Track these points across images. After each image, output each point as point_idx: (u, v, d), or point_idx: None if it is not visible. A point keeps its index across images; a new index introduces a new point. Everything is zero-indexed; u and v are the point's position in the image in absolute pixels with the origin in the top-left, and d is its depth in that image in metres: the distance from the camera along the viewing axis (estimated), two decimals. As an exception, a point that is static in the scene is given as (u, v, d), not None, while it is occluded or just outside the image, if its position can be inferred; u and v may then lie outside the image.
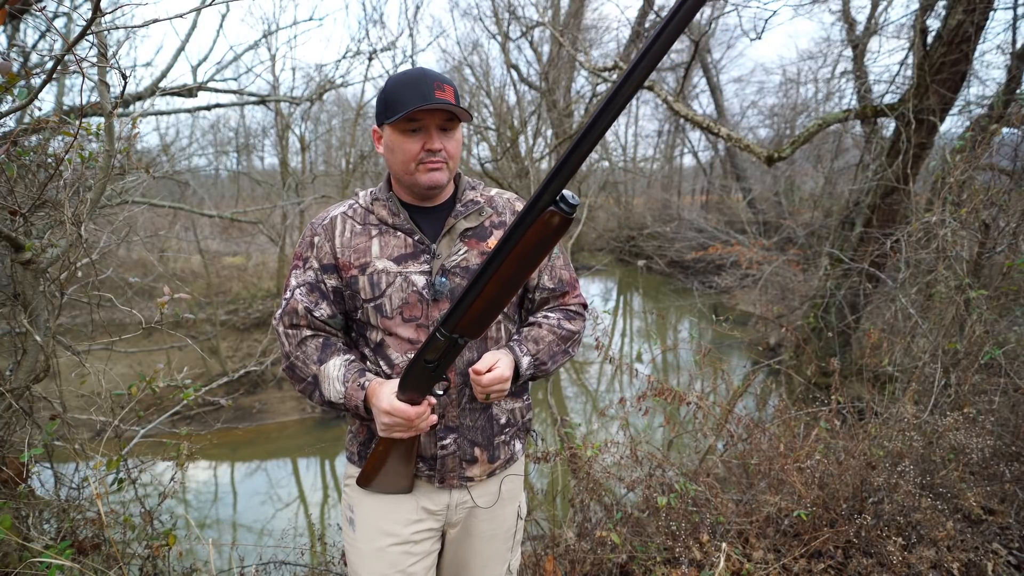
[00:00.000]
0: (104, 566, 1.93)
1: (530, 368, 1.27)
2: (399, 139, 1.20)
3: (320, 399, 1.25)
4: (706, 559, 2.05)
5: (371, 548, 1.31)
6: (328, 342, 1.28)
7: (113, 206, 3.45)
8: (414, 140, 1.19)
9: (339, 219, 1.29)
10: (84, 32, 1.46)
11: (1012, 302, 3.41)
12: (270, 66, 9.52)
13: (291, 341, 1.27)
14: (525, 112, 11.93)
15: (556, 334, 1.33)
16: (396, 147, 1.21)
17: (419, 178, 1.21)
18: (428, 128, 1.18)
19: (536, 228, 0.93)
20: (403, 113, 1.13)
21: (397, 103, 1.16)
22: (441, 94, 1.15)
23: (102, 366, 2.94)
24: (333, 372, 1.23)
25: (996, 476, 2.44)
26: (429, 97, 1.13)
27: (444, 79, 1.18)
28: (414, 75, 1.17)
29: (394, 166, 1.24)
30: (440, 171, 1.22)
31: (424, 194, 1.26)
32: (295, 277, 1.29)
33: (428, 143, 1.18)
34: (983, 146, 3.46)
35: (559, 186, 0.89)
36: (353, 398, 1.21)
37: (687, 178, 22.61)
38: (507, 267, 0.98)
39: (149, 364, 6.67)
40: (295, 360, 1.27)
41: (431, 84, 1.15)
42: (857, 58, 7.09)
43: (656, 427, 4.11)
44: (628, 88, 0.78)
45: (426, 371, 1.12)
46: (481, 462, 1.32)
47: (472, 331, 1.07)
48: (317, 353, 1.26)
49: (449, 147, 1.21)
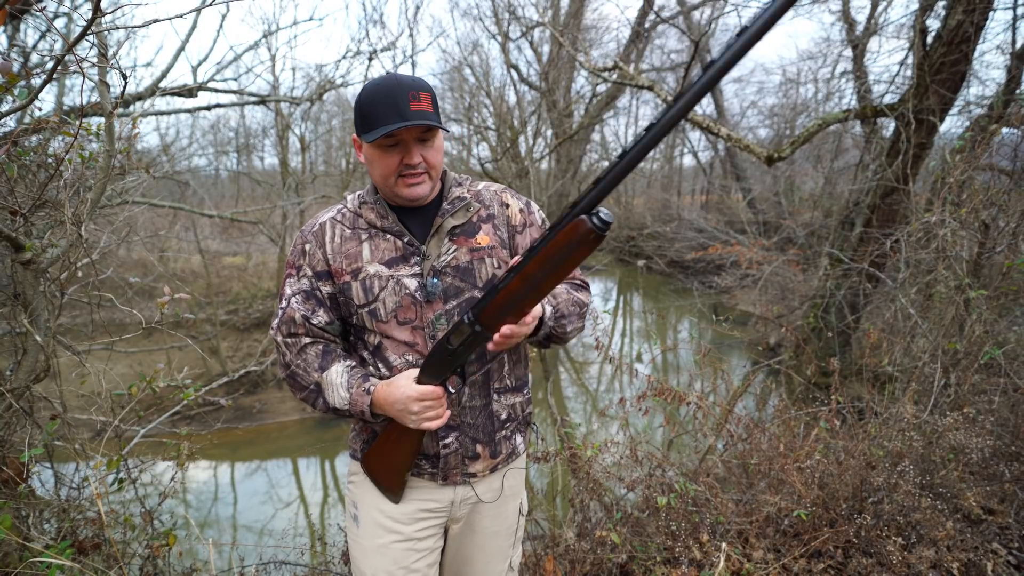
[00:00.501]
0: (104, 566, 1.93)
1: (551, 319, 1.26)
2: (377, 154, 1.19)
3: (324, 406, 1.25)
4: (706, 559, 2.05)
5: (374, 545, 1.32)
6: (328, 349, 1.28)
7: (113, 206, 3.45)
8: (392, 155, 1.18)
9: (328, 224, 1.29)
10: (84, 32, 1.47)
11: (1012, 302, 3.41)
12: (270, 66, 9.52)
13: (290, 350, 1.27)
14: (525, 112, 11.93)
15: (570, 296, 1.34)
16: (375, 161, 1.20)
17: (400, 191, 1.21)
18: (406, 142, 1.17)
19: (566, 233, 0.95)
20: (380, 133, 1.12)
21: (373, 118, 1.14)
22: (417, 105, 1.13)
23: (102, 366, 2.94)
24: (336, 379, 1.23)
25: (996, 476, 2.44)
26: (405, 112, 1.12)
27: (419, 86, 1.15)
28: (388, 86, 1.14)
29: (375, 178, 1.24)
30: (421, 184, 1.21)
31: (406, 204, 1.26)
32: (289, 286, 1.28)
33: (407, 158, 1.18)
34: (983, 146, 3.46)
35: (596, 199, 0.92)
36: (358, 403, 1.21)
37: (687, 178, 22.60)
38: (533, 265, 1.00)
39: (149, 364, 6.67)
40: (296, 368, 1.26)
41: (406, 96, 1.12)
42: (857, 58, 7.09)
43: (656, 427, 4.11)
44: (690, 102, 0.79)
45: (447, 357, 1.13)
46: (483, 458, 1.33)
47: (491, 323, 1.08)
48: (318, 360, 1.25)
49: (429, 157, 1.20)
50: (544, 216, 1.42)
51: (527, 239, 1.35)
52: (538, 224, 1.38)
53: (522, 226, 1.35)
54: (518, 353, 1.39)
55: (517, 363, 1.38)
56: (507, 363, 1.34)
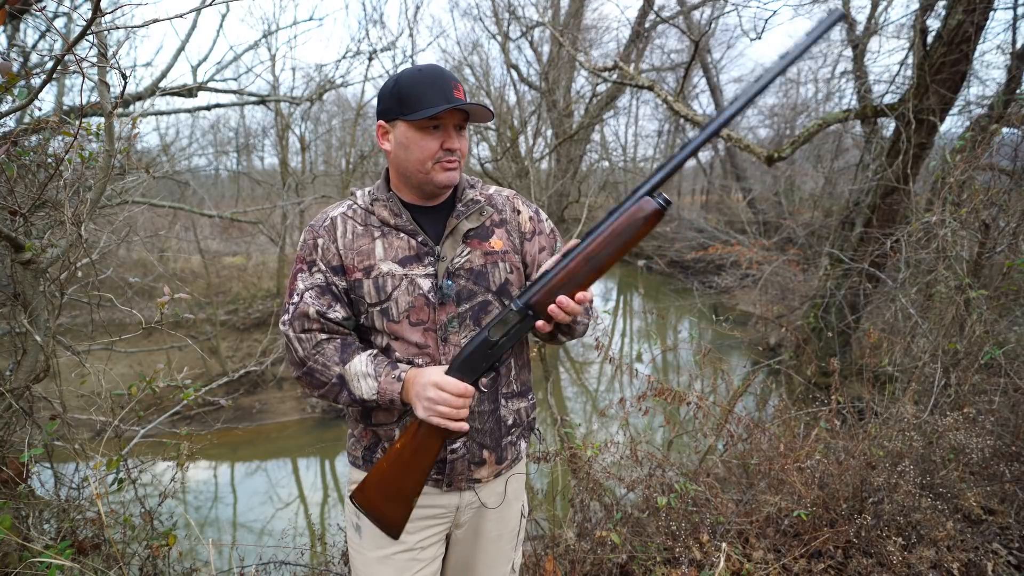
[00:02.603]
0: (104, 566, 1.93)
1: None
2: (417, 136, 1.18)
3: (348, 398, 1.21)
4: (706, 559, 2.04)
5: (378, 555, 1.31)
6: (347, 342, 1.24)
7: (113, 206, 3.45)
8: (433, 138, 1.18)
9: (339, 220, 1.26)
10: (84, 32, 1.46)
11: (1012, 302, 3.41)
12: (270, 66, 9.53)
13: (305, 346, 1.22)
14: (525, 112, 11.94)
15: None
16: (413, 144, 1.19)
17: (435, 176, 1.21)
18: (447, 127, 1.19)
19: (631, 212, 1.06)
20: (431, 112, 1.13)
21: (418, 100, 1.15)
22: (459, 93, 1.17)
23: (102, 366, 2.94)
24: (361, 368, 1.19)
25: (996, 476, 2.44)
26: (452, 98, 1.14)
27: (457, 78, 1.20)
28: (433, 73, 1.17)
29: (407, 163, 1.21)
30: (456, 170, 1.22)
31: (434, 192, 1.25)
32: (302, 281, 1.24)
33: (447, 142, 1.19)
34: (983, 146, 3.45)
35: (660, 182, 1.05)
36: (388, 391, 1.17)
37: (687, 178, 22.60)
38: (597, 243, 1.07)
39: (149, 364, 6.68)
40: (313, 364, 1.22)
41: (451, 84, 1.16)
42: (857, 58, 7.08)
43: (656, 427, 4.11)
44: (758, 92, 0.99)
45: (486, 351, 1.13)
46: (489, 463, 1.32)
47: (543, 304, 1.11)
48: (338, 354, 1.22)
49: (463, 147, 1.22)
50: (553, 225, 1.43)
51: (535, 246, 1.35)
52: (546, 232, 1.38)
53: (531, 233, 1.35)
54: (523, 358, 1.38)
55: (523, 368, 1.37)
56: (514, 368, 1.33)
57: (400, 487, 1.19)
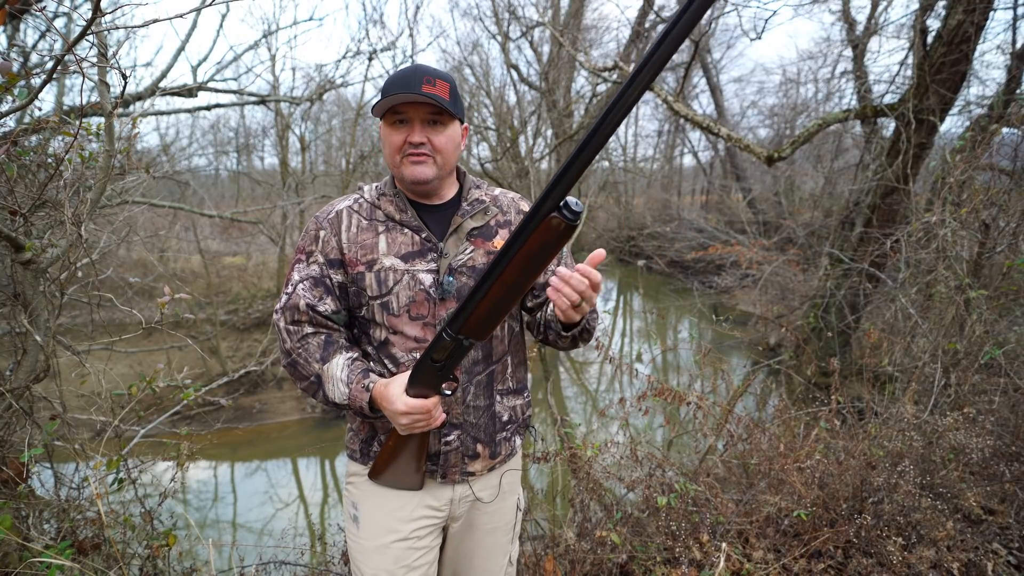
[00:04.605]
0: (104, 566, 1.93)
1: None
2: (387, 131, 1.23)
3: (324, 399, 1.25)
4: (706, 559, 2.04)
5: (375, 545, 1.32)
6: (330, 339, 1.26)
7: (113, 206, 3.45)
8: (398, 132, 1.21)
9: (345, 213, 1.29)
10: (84, 32, 1.47)
11: (1012, 302, 3.41)
12: (270, 66, 9.53)
13: (292, 338, 1.25)
14: (525, 112, 11.94)
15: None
16: (385, 139, 1.25)
17: (403, 170, 1.23)
18: (412, 121, 1.20)
19: (539, 233, 0.94)
20: (383, 102, 1.16)
21: (384, 96, 1.18)
22: (430, 88, 1.16)
23: (102, 366, 2.94)
24: (336, 372, 1.22)
25: (996, 476, 2.44)
26: (414, 90, 1.15)
27: (439, 74, 1.19)
28: (408, 69, 1.19)
29: (385, 158, 1.28)
30: (423, 164, 1.22)
31: (412, 188, 1.27)
32: (298, 271, 1.27)
33: (410, 135, 1.20)
34: (983, 146, 3.46)
35: (563, 192, 0.90)
36: (357, 399, 1.20)
37: (687, 178, 22.62)
38: (511, 271, 0.98)
39: (149, 364, 6.67)
40: (297, 357, 1.25)
41: (420, 78, 1.16)
42: (857, 58, 7.09)
43: (656, 427, 4.12)
44: (632, 93, 0.79)
45: (433, 370, 1.12)
46: (483, 457, 1.33)
47: (478, 333, 1.07)
48: (319, 351, 1.24)
49: (436, 141, 1.21)
50: None
51: None
52: None
53: None
54: (520, 356, 1.40)
55: (519, 366, 1.39)
56: (510, 365, 1.35)
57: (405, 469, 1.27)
